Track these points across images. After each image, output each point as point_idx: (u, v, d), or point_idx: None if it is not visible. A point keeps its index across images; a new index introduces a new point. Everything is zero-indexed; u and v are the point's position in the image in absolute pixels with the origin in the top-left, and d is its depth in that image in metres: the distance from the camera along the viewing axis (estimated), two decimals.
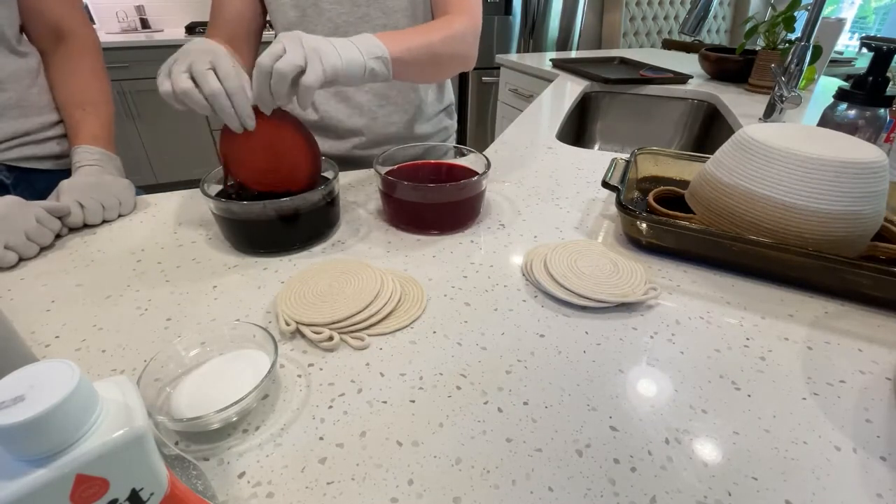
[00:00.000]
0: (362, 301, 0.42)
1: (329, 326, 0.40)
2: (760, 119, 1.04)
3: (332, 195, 0.55)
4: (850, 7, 3.41)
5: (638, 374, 0.38)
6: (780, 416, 0.34)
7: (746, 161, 0.50)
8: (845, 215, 0.46)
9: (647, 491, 0.29)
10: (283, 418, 0.34)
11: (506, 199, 0.67)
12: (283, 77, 0.46)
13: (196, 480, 0.26)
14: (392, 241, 0.56)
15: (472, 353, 0.39)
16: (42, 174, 0.68)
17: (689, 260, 0.52)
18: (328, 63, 0.48)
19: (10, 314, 0.35)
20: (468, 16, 0.66)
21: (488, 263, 0.52)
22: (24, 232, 0.50)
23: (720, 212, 0.52)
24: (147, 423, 0.20)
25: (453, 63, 0.66)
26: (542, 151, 0.85)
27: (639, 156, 0.66)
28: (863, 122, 0.74)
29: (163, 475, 0.21)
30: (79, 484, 0.18)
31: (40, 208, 0.52)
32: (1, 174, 0.65)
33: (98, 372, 0.37)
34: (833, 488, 0.29)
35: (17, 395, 0.17)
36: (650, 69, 1.45)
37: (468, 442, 0.32)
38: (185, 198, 0.65)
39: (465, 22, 0.65)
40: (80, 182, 0.58)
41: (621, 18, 2.89)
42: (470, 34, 0.66)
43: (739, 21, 3.09)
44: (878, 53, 0.70)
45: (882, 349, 0.41)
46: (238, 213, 0.50)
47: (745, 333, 0.42)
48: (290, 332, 0.40)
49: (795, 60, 0.93)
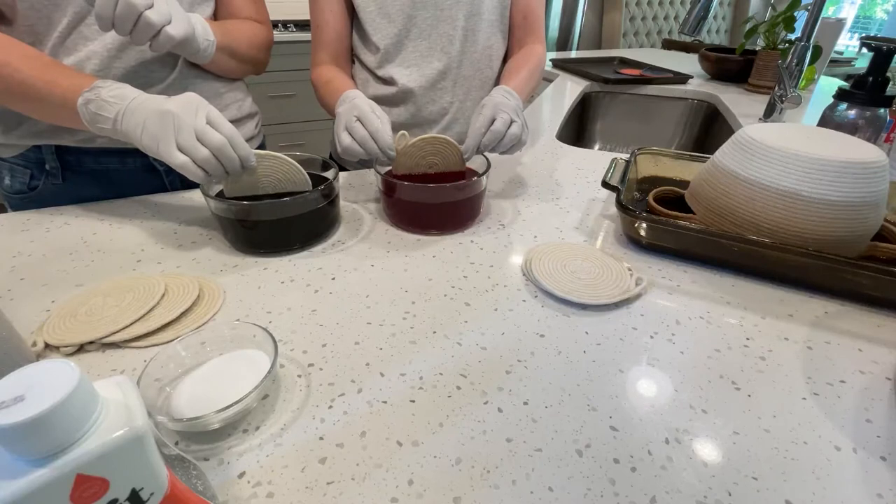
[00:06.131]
0: (135, 313, 0.41)
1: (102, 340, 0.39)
2: (760, 119, 1.04)
3: (332, 195, 0.55)
4: (851, 7, 3.41)
5: (638, 374, 0.38)
6: (780, 416, 0.34)
7: (746, 161, 0.50)
8: (845, 215, 0.46)
9: (647, 491, 0.29)
10: (283, 418, 0.34)
11: (506, 199, 0.67)
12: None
13: (196, 480, 0.26)
14: (392, 241, 0.56)
15: (472, 353, 0.39)
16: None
17: (689, 260, 0.52)
18: None
19: (10, 314, 0.35)
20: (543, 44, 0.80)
21: (488, 263, 0.52)
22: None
23: (720, 212, 0.52)
24: (147, 423, 0.20)
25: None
26: (542, 151, 0.85)
27: (639, 156, 0.66)
28: (863, 122, 0.74)
29: (163, 475, 0.21)
30: (79, 484, 0.18)
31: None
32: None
33: (98, 372, 0.37)
34: (833, 488, 0.29)
35: (17, 395, 0.17)
36: (650, 69, 1.45)
37: (468, 442, 0.32)
38: (185, 198, 0.65)
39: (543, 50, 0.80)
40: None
41: (621, 18, 2.89)
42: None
43: (739, 21, 3.09)
44: (878, 53, 0.70)
45: (882, 349, 0.41)
46: (238, 213, 0.50)
47: (745, 333, 0.42)
48: (38, 352, 0.38)
49: (795, 60, 0.93)
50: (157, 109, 0.46)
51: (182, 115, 0.45)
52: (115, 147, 0.64)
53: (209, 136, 0.46)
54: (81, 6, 0.54)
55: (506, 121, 0.57)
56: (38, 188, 0.65)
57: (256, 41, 0.70)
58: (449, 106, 0.79)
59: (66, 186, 0.65)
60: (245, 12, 0.69)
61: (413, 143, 0.58)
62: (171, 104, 0.46)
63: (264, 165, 0.52)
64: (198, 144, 0.46)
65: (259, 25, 0.71)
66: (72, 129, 0.60)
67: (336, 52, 0.76)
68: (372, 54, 0.76)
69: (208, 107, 0.48)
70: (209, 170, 0.47)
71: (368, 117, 0.55)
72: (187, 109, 0.46)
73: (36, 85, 0.49)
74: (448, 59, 0.75)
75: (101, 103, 0.47)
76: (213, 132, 0.46)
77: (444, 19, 0.73)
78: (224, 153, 0.47)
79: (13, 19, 0.54)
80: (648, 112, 1.36)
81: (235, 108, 0.72)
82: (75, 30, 0.56)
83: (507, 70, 0.77)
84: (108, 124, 0.48)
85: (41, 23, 0.55)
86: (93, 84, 0.48)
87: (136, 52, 0.59)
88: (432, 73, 0.76)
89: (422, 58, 0.75)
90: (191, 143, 0.45)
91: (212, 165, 0.47)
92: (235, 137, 0.48)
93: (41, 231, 0.56)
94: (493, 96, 0.61)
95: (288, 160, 0.53)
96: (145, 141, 0.46)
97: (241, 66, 0.70)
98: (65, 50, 0.56)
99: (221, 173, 0.49)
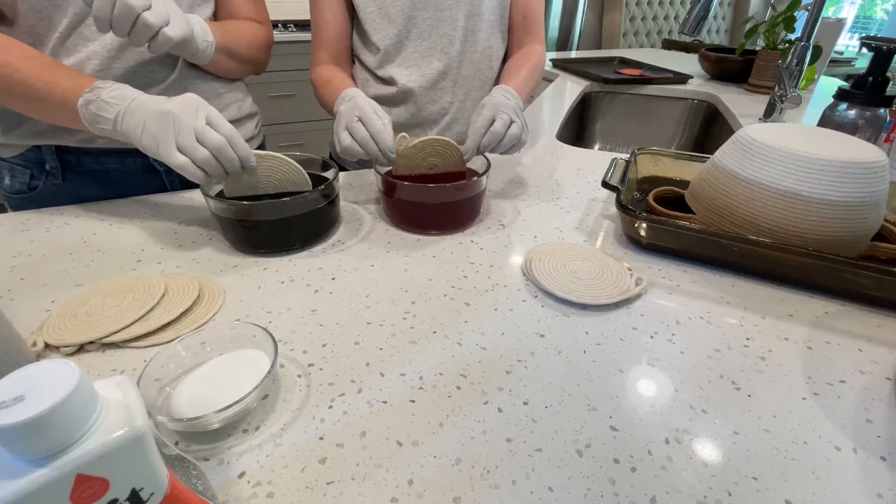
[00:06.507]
0: (135, 313, 0.41)
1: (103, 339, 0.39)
2: (760, 119, 1.04)
3: (332, 195, 0.55)
4: (851, 7, 3.41)
5: (638, 374, 0.38)
6: (780, 416, 0.34)
7: (746, 161, 0.50)
8: (845, 215, 0.46)
9: (647, 491, 0.29)
10: (283, 418, 0.34)
11: (506, 199, 0.67)
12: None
13: (196, 480, 0.26)
14: (392, 241, 0.56)
15: (472, 353, 0.39)
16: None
17: (689, 260, 0.52)
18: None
19: (10, 314, 0.35)
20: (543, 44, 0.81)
21: (488, 263, 0.52)
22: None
23: (720, 212, 0.52)
24: (147, 423, 0.20)
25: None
26: (542, 151, 0.85)
27: (639, 156, 0.66)
28: (863, 122, 0.74)
29: (163, 475, 0.21)
30: (79, 484, 0.18)
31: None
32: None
33: (98, 372, 0.37)
34: (833, 488, 0.29)
35: (17, 395, 0.17)
36: (650, 69, 1.45)
37: (468, 442, 0.32)
38: (185, 198, 0.65)
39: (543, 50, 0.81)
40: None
41: (621, 18, 2.89)
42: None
43: (739, 21, 3.09)
44: (878, 53, 0.70)
45: (882, 349, 0.41)
46: (238, 213, 0.50)
47: (745, 333, 0.42)
48: (38, 352, 0.38)
49: (795, 60, 0.93)
50: (157, 110, 0.46)
51: (182, 115, 0.45)
52: (115, 147, 0.64)
53: (209, 136, 0.46)
54: (81, 7, 0.54)
55: (505, 121, 0.58)
56: (38, 188, 0.65)
57: (256, 41, 0.70)
58: (449, 106, 0.79)
59: (66, 186, 0.65)
60: (245, 12, 0.69)
61: (413, 145, 0.58)
62: (170, 105, 0.46)
63: (264, 166, 0.52)
64: (197, 145, 0.46)
65: (259, 25, 0.71)
66: (72, 129, 0.60)
67: (336, 53, 0.76)
68: (372, 54, 0.76)
69: (208, 107, 0.48)
70: (209, 170, 0.47)
71: (370, 117, 0.55)
72: (187, 110, 0.46)
73: (36, 85, 0.49)
74: (448, 59, 0.75)
75: (102, 104, 0.48)
76: (213, 133, 0.46)
77: (444, 19, 0.73)
78: (224, 154, 0.47)
79: (14, 20, 0.54)
80: (648, 112, 1.36)
81: (235, 109, 0.72)
82: (75, 30, 0.56)
83: (506, 70, 0.77)
84: (109, 125, 0.48)
85: (42, 24, 0.55)
86: (93, 85, 0.48)
87: (136, 52, 0.59)
88: (432, 73, 0.76)
89: (422, 58, 0.75)
90: (190, 144, 0.45)
91: (211, 166, 0.47)
92: (235, 138, 0.48)
93: (41, 231, 0.56)
94: (493, 96, 0.61)
95: (288, 160, 0.53)
96: (145, 141, 0.46)
97: (241, 67, 0.70)
98: (65, 50, 0.56)
99: (221, 174, 0.49)
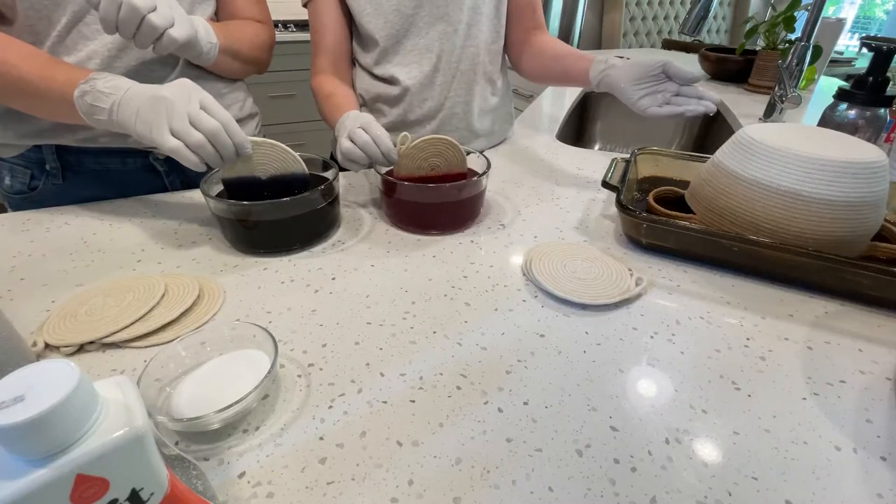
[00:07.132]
0: (135, 313, 0.41)
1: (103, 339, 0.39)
2: (760, 119, 1.04)
3: (332, 195, 0.55)
4: (851, 7, 3.41)
5: (638, 374, 0.38)
6: (780, 416, 0.34)
7: (746, 161, 0.50)
8: (845, 215, 0.46)
9: (648, 491, 0.29)
10: (283, 418, 0.34)
11: (506, 199, 0.67)
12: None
13: (196, 480, 0.26)
14: (392, 241, 0.56)
15: (472, 353, 0.39)
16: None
17: (689, 260, 0.52)
18: None
19: (10, 314, 0.35)
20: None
21: (488, 263, 0.52)
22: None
23: (720, 212, 0.52)
24: (147, 423, 0.20)
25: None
26: (542, 151, 0.85)
27: (639, 156, 0.66)
28: (863, 122, 0.74)
29: (163, 475, 0.21)
30: (79, 484, 0.18)
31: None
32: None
33: (98, 372, 0.37)
34: (833, 488, 0.29)
35: (17, 395, 0.17)
36: None
37: (468, 442, 0.32)
38: (185, 198, 0.65)
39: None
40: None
41: (621, 18, 2.89)
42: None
43: (739, 21, 3.08)
44: (878, 53, 0.70)
45: (882, 349, 0.41)
46: (238, 213, 0.50)
47: (745, 333, 0.42)
48: (38, 352, 0.38)
49: (795, 60, 0.93)
50: (151, 96, 0.46)
51: (175, 100, 0.45)
52: (116, 147, 0.64)
53: (203, 120, 0.46)
54: (81, 5, 0.54)
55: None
56: (38, 188, 0.65)
57: (258, 42, 0.70)
58: (447, 102, 0.79)
59: (66, 186, 0.65)
60: (246, 12, 0.69)
61: (415, 145, 0.58)
62: (164, 90, 0.46)
63: (260, 153, 0.52)
64: (191, 129, 0.45)
65: (261, 25, 0.71)
66: (72, 129, 0.60)
67: (336, 58, 0.76)
68: (370, 53, 0.76)
69: (202, 92, 0.47)
70: (203, 155, 0.46)
71: (372, 125, 0.56)
72: (180, 95, 0.46)
73: (34, 81, 0.49)
74: (447, 56, 0.75)
75: (97, 94, 0.47)
76: (207, 117, 0.46)
77: (442, 17, 0.73)
78: (219, 139, 0.46)
79: (13, 19, 0.54)
80: None
81: (237, 109, 0.72)
82: (74, 28, 0.56)
83: (567, 54, 0.76)
84: (104, 115, 0.47)
85: (41, 22, 0.55)
86: (89, 76, 0.48)
87: (137, 51, 0.59)
88: (431, 70, 0.76)
89: (420, 56, 0.75)
90: (183, 128, 0.45)
91: (206, 151, 0.46)
92: (230, 123, 0.47)
93: (41, 231, 0.56)
94: (617, 62, 0.68)
95: (284, 148, 0.53)
96: (139, 128, 0.46)
97: (244, 67, 0.70)
98: (65, 49, 0.56)
99: (217, 159, 0.48)
